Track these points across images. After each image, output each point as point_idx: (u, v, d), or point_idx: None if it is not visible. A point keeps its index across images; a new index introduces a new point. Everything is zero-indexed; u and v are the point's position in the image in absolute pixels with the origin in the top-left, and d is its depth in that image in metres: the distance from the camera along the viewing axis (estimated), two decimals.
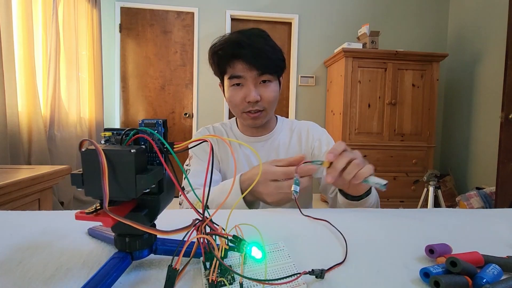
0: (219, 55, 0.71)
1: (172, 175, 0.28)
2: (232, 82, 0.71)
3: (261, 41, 0.69)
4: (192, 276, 0.29)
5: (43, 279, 0.28)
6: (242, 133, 0.84)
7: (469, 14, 2.95)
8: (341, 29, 3.12)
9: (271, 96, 0.72)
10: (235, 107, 0.74)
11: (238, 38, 0.69)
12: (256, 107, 0.72)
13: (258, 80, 0.70)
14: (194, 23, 3.02)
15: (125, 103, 3.07)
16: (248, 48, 0.67)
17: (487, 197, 2.24)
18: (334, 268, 0.30)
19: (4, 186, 0.87)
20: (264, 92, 0.71)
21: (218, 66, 0.73)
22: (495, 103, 2.56)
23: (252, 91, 0.69)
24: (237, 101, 0.72)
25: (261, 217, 0.48)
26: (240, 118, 0.77)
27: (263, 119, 0.76)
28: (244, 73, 0.69)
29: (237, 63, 0.69)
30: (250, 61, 0.68)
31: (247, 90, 0.70)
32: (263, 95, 0.71)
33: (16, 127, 1.53)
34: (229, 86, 0.73)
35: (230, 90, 0.73)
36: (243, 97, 0.71)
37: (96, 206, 0.25)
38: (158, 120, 0.30)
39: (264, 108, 0.73)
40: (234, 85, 0.72)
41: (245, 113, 0.73)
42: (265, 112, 0.74)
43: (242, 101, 0.71)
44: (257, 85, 0.71)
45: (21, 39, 1.58)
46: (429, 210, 0.52)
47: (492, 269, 0.28)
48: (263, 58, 0.68)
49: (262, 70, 0.69)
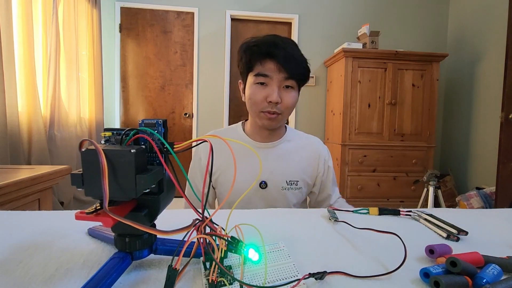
0: (253, 50, 0.72)
1: (172, 175, 0.28)
2: (258, 80, 0.73)
3: (294, 48, 0.73)
4: (192, 276, 0.29)
5: (43, 279, 0.28)
6: (249, 137, 0.84)
7: (469, 14, 2.95)
8: (341, 29, 3.12)
9: (290, 102, 0.74)
10: (254, 105, 0.75)
11: (274, 39, 0.72)
12: (275, 108, 0.73)
13: (282, 84, 0.73)
14: (194, 23, 3.02)
15: (125, 103, 3.07)
16: (282, 50, 0.70)
17: (487, 197, 2.24)
18: (337, 273, 0.30)
19: (4, 186, 0.87)
20: (285, 96, 0.73)
21: (249, 61, 0.74)
22: (495, 103, 2.55)
23: (275, 92, 0.71)
24: (258, 99, 0.73)
25: (261, 217, 0.48)
26: (256, 117, 0.77)
27: (277, 123, 0.77)
28: (272, 73, 0.71)
29: (268, 62, 0.71)
30: (281, 62, 0.70)
31: (270, 90, 0.72)
32: (284, 99, 0.73)
33: (16, 127, 1.52)
34: (253, 83, 0.74)
35: (253, 87, 0.74)
36: (265, 96, 0.72)
37: (96, 206, 0.25)
38: (158, 120, 0.30)
39: (282, 112, 0.75)
40: (258, 83, 0.73)
41: (263, 112, 0.75)
42: (281, 116, 0.76)
43: (263, 100, 0.73)
44: (280, 89, 0.73)
45: (21, 39, 1.58)
46: (429, 210, 0.52)
47: (492, 269, 0.28)
48: (293, 63, 0.71)
49: (290, 74, 0.71)
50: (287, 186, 0.80)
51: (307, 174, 0.84)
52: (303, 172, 0.83)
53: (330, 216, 0.46)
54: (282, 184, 0.80)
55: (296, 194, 0.82)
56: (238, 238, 0.29)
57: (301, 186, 0.82)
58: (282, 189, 0.80)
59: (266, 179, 0.80)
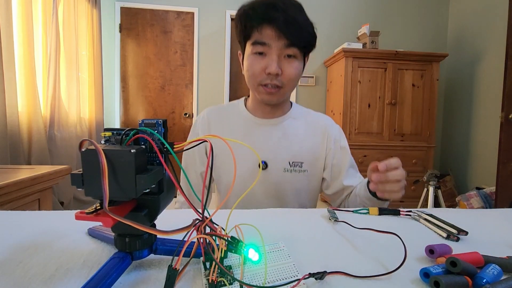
0: (248, 15, 0.64)
1: (172, 175, 0.28)
2: (255, 49, 0.64)
3: (296, 10, 0.63)
4: (192, 276, 0.29)
5: (43, 279, 0.28)
6: (251, 113, 0.77)
7: (469, 14, 2.95)
8: (341, 29, 3.12)
9: (292, 73, 0.65)
10: (252, 78, 0.67)
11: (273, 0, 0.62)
12: (274, 81, 0.65)
13: (283, 53, 0.64)
14: (194, 23, 3.02)
15: (125, 103, 3.06)
16: (282, 12, 0.61)
17: (487, 197, 2.24)
18: (337, 273, 0.30)
19: (4, 186, 0.87)
20: (286, 67, 0.64)
21: (245, 28, 0.65)
22: (495, 103, 2.55)
23: (274, 62, 0.63)
24: (255, 71, 0.65)
25: (261, 217, 0.48)
26: (255, 91, 0.70)
27: (279, 97, 0.69)
28: (270, 41, 0.63)
29: (266, 28, 0.62)
30: (281, 27, 0.61)
31: (269, 60, 0.63)
32: (285, 70, 0.64)
33: (16, 127, 1.52)
34: (251, 53, 0.66)
35: (250, 58, 0.66)
36: (263, 67, 0.64)
37: (96, 206, 0.25)
38: (158, 120, 0.30)
39: (283, 85, 0.66)
40: (256, 53, 0.65)
41: (261, 86, 0.67)
42: (283, 90, 0.67)
43: (261, 71, 0.65)
44: (280, 58, 0.64)
45: (21, 39, 1.58)
46: (429, 210, 0.52)
47: (492, 269, 0.28)
48: (295, 27, 0.62)
49: (291, 41, 0.62)
50: (290, 167, 0.72)
51: (314, 155, 0.74)
52: (309, 152, 0.74)
53: (330, 216, 0.46)
54: (284, 165, 0.72)
55: (301, 178, 0.73)
56: (238, 238, 0.29)
57: (306, 169, 0.73)
58: (284, 171, 0.72)
59: (266, 159, 0.72)
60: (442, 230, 0.41)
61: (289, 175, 0.72)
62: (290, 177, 0.73)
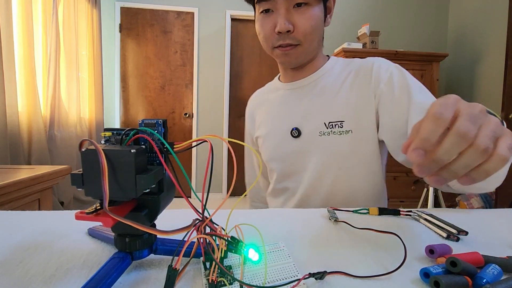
0: None
1: (172, 175, 0.28)
2: (261, 7, 0.57)
3: None
4: (192, 276, 0.29)
5: (43, 279, 0.28)
6: (282, 82, 0.69)
7: (469, 14, 2.95)
8: (341, 29, 3.12)
9: (307, 25, 0.55)
10: (265, 42, 0.59)
11: None
12: (287, 40, 0.56)
13: (292, 3, 0.54)
14: (194, 23, 3.02)
15: (125, 103, 3.06)
16: None
17: (487, 197, 2.24)
18: (337, 273, 0.30)
19: (4, 186, 0.87)
20: (298, 19, 0.55)
21: None
22: (495, 103, 2.55)
23: (281, 18, 0.54)
24: (266, 33, 0.57)
25: (261, 217, 0.48)
26: (273, 55, 0.61)
27: (298, 57, 0.59)
28: None
29: None
30: None
31: (276, 16, 0.55)
32: (297, 23, 0.55)
33: (16, 127, 1.52)
34: (259, 13, 0.58)
35: (258, 19, 0.59)
36: (273, 26, 0.56)
37: (96, 206, 0.25)
38: (158, 120, 0.30)
39: (300, 42, 0.57)
40: (263, 12, 0.57)
41: (276, 48, 0.58)
42: (301, 48, 0.58)
43: (271, 32, 0.56)
44: (289, 11, 0.55)
45: (21, 39, 1.58)
46: (429, 210, 0.52)
47: (492, 269, 0.28)
48: None
49: None
50: (327, 130, 0.60)
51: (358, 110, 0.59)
52: (352, 108, 0.59)
53: (330, 216, 0.46)
54: (320, 128, 0.60)
55: (345, 140, 0.59)
56: (238, 238, 0.29)
57: (351, 129, 0.59)
58: (320, 135, 0.60)
59: (298, 125, 0.62)
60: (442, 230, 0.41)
61: (327, 138, 0.60)
62: (330, 141, 0.60)
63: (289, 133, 0.63)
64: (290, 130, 0.63)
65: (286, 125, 0.65)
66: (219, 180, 3.17)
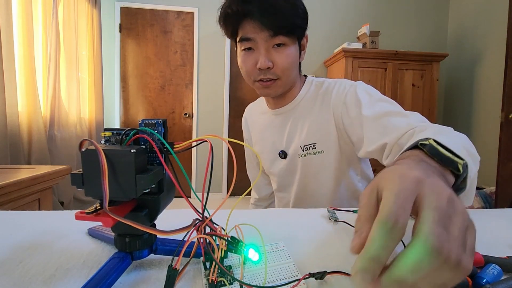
0: (228, 14, 0.61)
1: (172, 175, 0.28)
2: (243, 45, 0.63)
3: None
4: (192, 276, 0.29)
5: (43, 279, 0.28)
6: (268, 106, 0.77)
7: (469, 14, 2.95)
8: (341, 29, 3.12)
9: (285, 63, 0.62)
10: (247, 76, 0.66)
11: None
12: (268, 75, 0.62)
13: (271, 44, 0.61)
14: (194, 23, 3.02)
15: (125, 103, 3.06)
16: (255, 3, 0.57)
17: (487, 197, 2.24)
18: (337, 273, 0.30)
19: (4, 186, 0.87)
20: (277, 57, 0.61)
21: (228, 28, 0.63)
22: (495, 103, 2.55)
23: (262, 56, 0.60)
24: (248, 68, 0.64)
25: (261, 217, 0.48)
26: (253, 87, 0.68)
27: (277, 89, 0.66)
28: (254, 34, 0.60)
29: (246, 23, 0.60)
30: (259, 19, 0.58)
31: (257, 55, 0.61)
32: (276, 61, 0.61)
33: (16, 127, 1.52)
34: (240, 50, 0.64)
35: (241, 55, 0.64)
36: (254, 63, 0.62)
37: (96, 206, 0.25)
38: (158, 120, 0.30)
39: (278, 77, 0.63)
40: (245, 49, 0.63)
41: (257, 81, 0.65)
42: (279, 81, 0.64)
43: (253, 68, 0.63)
44: (269, 50, 0.61)
45: (21, 39, 1.58)
46: None
47: (492, 269, 0.28)
48: (275, 15, 0.57)
49: (274, 31, 0.58)
50: (303, 152, 0.69)
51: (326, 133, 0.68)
52: (320, 131, 0.68)
53: (330, 216, 0.46)
54: (298, 151, 0.70)
55: (318, 159, 0.69)
56: (238, 238, 0.29)
57: (322, 149, 0.68)
58: (299, 156, 0.70)
59: (284, 148, 0.73)
60: None
61: (304, 159, 0.70)
62: (308, 162, 0.70)
63: (277, 155, 0.75)
64: (278, 152, 0.75)
65: (275, 147, 0.76)
66: (219, 180, 3.17)
